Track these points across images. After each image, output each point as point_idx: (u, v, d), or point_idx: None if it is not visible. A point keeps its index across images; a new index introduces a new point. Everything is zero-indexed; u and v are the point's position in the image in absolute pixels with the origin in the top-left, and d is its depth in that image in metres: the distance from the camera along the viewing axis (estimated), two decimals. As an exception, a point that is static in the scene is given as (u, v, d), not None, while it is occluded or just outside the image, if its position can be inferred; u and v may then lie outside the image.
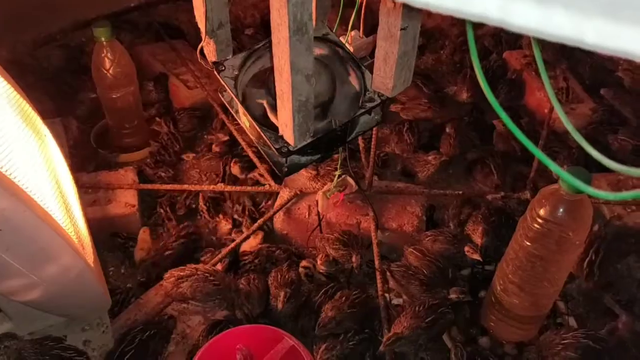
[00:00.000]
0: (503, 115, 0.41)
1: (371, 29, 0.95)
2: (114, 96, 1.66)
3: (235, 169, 1.65)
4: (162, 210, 1.58)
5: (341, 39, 1.03)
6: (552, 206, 1.06)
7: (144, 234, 1.50)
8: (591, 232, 1.09)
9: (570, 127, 0.42)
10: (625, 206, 1.52)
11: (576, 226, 1.07)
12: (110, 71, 1.61)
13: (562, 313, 1.36)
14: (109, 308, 1.25)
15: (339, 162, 1.35)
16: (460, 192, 1.58)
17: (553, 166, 0.40)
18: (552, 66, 1.95)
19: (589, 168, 1.02)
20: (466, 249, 1.40)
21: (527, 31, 0.26)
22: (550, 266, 1.14)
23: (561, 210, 1.05)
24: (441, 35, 2.24)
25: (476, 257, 1.38)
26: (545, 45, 0.46)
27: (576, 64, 1.98)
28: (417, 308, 1.26)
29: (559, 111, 0.43)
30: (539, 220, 1.08)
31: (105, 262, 1.45)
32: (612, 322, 1.30)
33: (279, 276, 1.34)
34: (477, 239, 1.42)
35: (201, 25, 0.87)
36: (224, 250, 1.44)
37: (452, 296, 1.32)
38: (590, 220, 1.08)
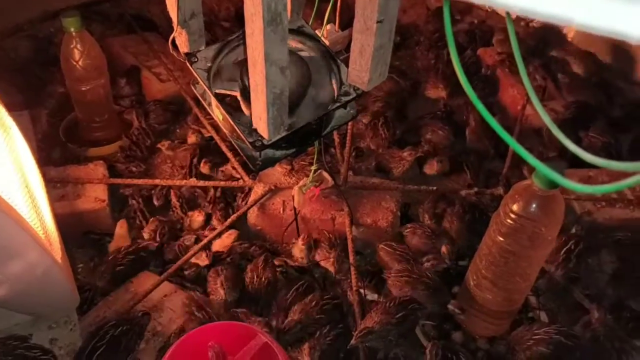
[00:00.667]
0: (480, 107, 0.41)
1: (347, 23, 0.95)
2: (83, 89, 1.62)
3: (205, 169, 1.63)
4: (134, 202, 1.55)
5: (317, 32, 1.02)
6: (525, 202, 1.07)
7: (120, 229, 1.47)
8: (564, 225, 1.11)
9: (547, 120, 0.41)
10: (595, 202, 1.54)
11: (548, 222, 1.08)
12: (80, 63, 1.56)
13: (533, 308, 1.37)
14: (77, 306, 1.22)
15: (315, 156, 1.34)
16: (435, 188, 1.59)
17: (530, 159, 0.39)
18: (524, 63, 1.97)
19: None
20: (443, 249, 1.40)
21: (513, 9, 0.25)
22: (522, 261, 1.15)
23: (534, 205, 1.06)
24: (416, 32, 2.24)
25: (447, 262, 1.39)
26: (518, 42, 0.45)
27: (548, 61, 2.00)
28: (388, 304, 1.26)
29: (536, 105, 0.43)
30: (512, 216, 1.08)
31: (74, 259, 1.41)
32: (585, 317, 1.32)
33: (255, 277, 1.33)
34: (454, 235, 1.44)
35: (173, 14, 0.85)
36: (197, 247, 1.42)
37: (450, 307, 1.31)
38: (562, 216, 1.09)
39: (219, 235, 1.47)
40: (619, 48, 2.03)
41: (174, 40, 0.91)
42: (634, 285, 1.40)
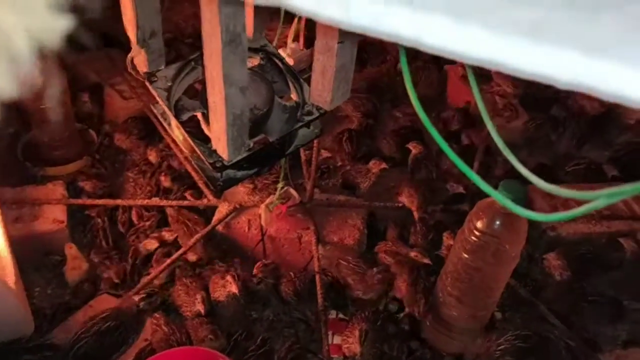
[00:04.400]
0: (435, 133, 0.40)
1: (312, 41, 0.94)
2: (42, 107, 1.58)
3: (166, 182, 1.61)
4: (99, 220, 1.51)
5: (281, 51, 1.01)
6: (488, 219, 1.08)
7: (71, 250, 1.41)
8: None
9: (500, 144, 0.41)
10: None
11: (512, 239, 1.09)
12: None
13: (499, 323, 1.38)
14: (32, 332, 1.17)
15: (281, 174, 1.32)
16: (401, 205, 1.59)
17: (485, 187, 0.39)
18: (488, 79, 2.00)
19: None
20: (413, 254, 1.41)
21: (443, 53, 0.25)
22: (487, 278, 1.15)
23: (497, 223, 1.07)
24: (383, 49, 2.26)
25: (426, 261, 1.39)
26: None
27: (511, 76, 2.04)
28: (366, 313, 1.27)
29: (490, 127, 0.43)
30: (476, 233, 1.09)
31: (30, 283, 1.36)
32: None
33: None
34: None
35: (131, 34, 0.83)
36: (158, 269, 1.38)
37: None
38: (526, 233, 1.11)
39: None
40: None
41: (132, 60, 0.89)
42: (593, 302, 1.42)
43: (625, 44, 0.23)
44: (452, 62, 2.13)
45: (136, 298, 1.26)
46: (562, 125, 1.86)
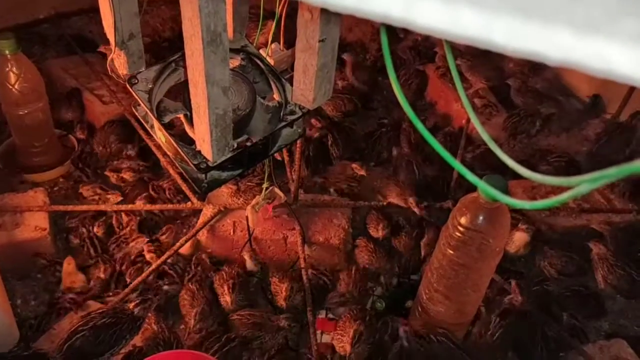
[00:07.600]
0: (420, 126, 0.41)
1: (293, 41, 0.94)
2: (21, 113, 1.56)
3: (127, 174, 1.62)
4: (83, 230, 1.49)
5: (261, 51, 1.01)
6: (472, 214, 1.09)
7: (68, 266, 1.37)
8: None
9: (486, 137, 0.42)
10: (540, 211, 1.59)
11: (496, 233, 1.10)
12: (16, 86, 1.50)
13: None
14: (16, 342, 1.15)
15: (266, 174, 1.32)
16: (385, 203, 1.60)
17: (470, 177, 0.40)
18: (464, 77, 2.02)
19: (507, 173, 1.05)
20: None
21: (433, 32, 0.25)
22: (472, 273, 1.16)
23: (481, 218, 1.08)
24: (362, 49, 2.27)
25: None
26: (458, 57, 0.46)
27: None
28: (355, 311, 1.27)
29: (474, 121, 0.43)
30: (460, 229, 1.10)
31: (13, 292, 1.34)
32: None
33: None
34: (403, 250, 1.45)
35: (110, 36, 0.83)
36: (142, 276, 1.37)
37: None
38: (509, 227, 1.12)
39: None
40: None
41: (112, 62, 0.88)
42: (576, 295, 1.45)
43: (613, 21, 0.23)
44: (431, 60, 2.15)
45: (131, 305, 1.24)
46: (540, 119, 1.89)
